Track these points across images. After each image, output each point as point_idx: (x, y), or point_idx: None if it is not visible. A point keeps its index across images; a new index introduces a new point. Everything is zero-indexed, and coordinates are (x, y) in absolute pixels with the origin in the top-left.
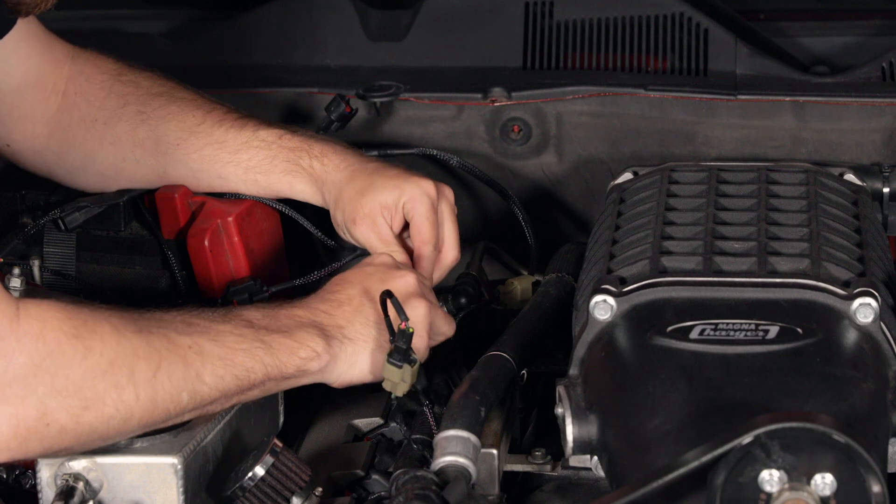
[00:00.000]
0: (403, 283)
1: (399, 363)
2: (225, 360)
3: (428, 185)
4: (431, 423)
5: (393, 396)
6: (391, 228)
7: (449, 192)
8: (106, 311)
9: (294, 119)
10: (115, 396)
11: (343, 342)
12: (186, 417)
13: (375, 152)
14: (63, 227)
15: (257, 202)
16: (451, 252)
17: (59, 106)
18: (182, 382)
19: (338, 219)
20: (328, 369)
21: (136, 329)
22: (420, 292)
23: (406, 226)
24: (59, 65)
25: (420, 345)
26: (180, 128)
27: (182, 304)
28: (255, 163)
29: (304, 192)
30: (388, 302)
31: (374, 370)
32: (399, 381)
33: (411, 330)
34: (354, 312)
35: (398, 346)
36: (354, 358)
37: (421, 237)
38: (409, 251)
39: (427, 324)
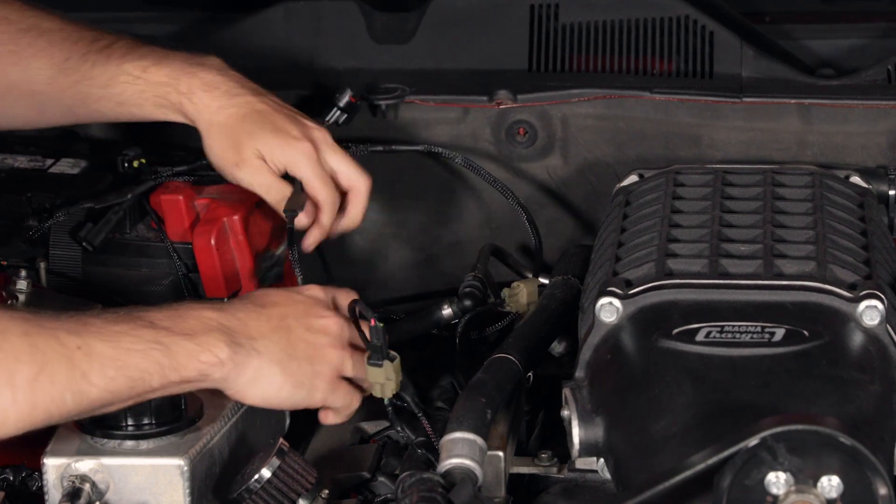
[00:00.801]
0: (323, 324)
1: (379, 362)
2: (117, 362)
3: (305, 146)
4: (427, 428)
5: (386, 402)
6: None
7: (324, 135)
8: None
9: None
10: None
11: (250, 353)
12: (75, 418)
13: (380, 147)
14: (91, 248)
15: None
16: (359, 180)
17: None
18: (66, 384)
19: (214, 160)
20: (230, 379)
21: (22, 331)
22: (338, 339)
23: None
24: None
25: (322, 387)
26: (49, 65)
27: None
28: (125, 97)
29: (180, 121)
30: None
31: (277, 396)
32: (384, 380)
33: (381, 325)
34: (271, 331)
35: (373, 344)
36: (259, 373)
37: (321, 197)
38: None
39: (337, 371)
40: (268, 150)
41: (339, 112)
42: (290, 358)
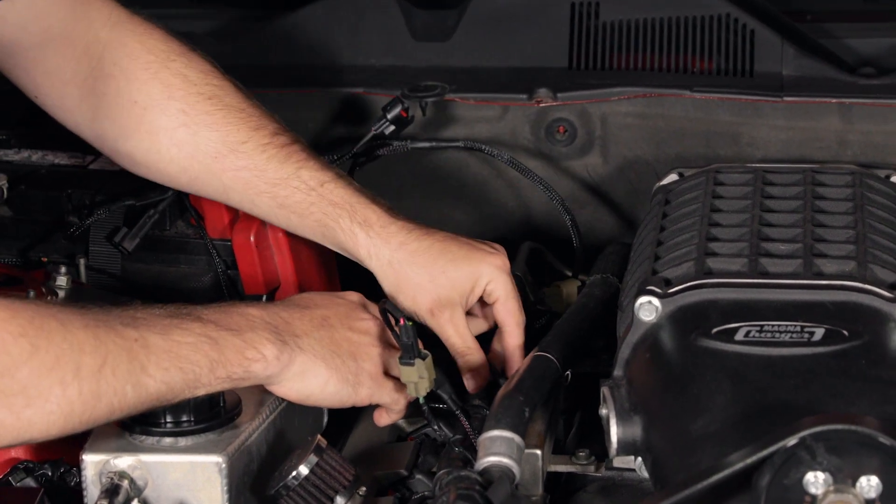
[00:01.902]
0: (364, 325)
1: (410, 361)
2: (170, 353)
3: (499, 260)
4: (465, 425)
5: (422, 401)
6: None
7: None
8: (53, 307)
9: (339, 119)
10: (59, 393)
11: (294, 351)
12: (133, 413)
13: (423, 143)
14: (126, 252)
15: None
16: (520, 314)
17: (94, 72)
18: (127, 376)
19: (404, 303)
20: (275, 376)
21: (83, 324)
22: (379, 340)
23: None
24: (92, 26)
25: (368, 384)
26: (222, 141)
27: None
28: (291, 202)
29: (338, 248)
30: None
31: (323, 392)
32: (417, 379)
33: (410, 324)
34: (314, 329)
35: (403, 343)
36: (303, 369)
37: (513, 317)
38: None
39: (380, 368)
40: (468, 274)
41: (387, 123)
42: (334, 355)
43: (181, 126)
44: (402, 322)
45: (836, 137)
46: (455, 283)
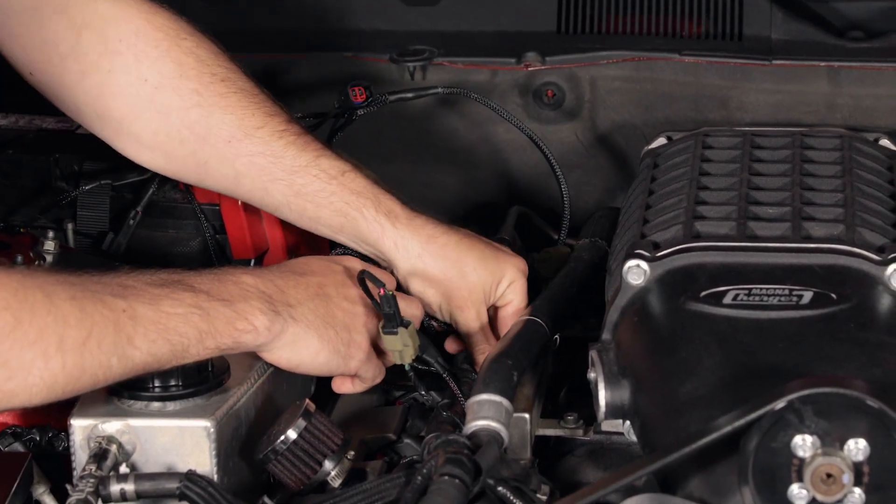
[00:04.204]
0: (361, 294)
1: (394, 329)
2: (158, 325)
3: (522, 264)
4: (454, 389)
5: (407, 369)
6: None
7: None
8: (40, 277)
9: (327, 83)
10: (42, 366)
11: (287, 321)
12: (118, 380)
13: (408, 94)
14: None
15: None
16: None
17: (97, 48)
18: (112, 348)
19: (430, 298)
20: (266, 345)
21: (69, 295)
22: (374, 311)
23: None
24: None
25: (359, 356)
26: (237, 126)
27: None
28: (309, 191)
29: (356, 241)
30: (367, 280)
31: (314, 362)
32: (402, 347)
33: (391, 293)
34: (309, 298)
35: (385, 313)
36: (295, 339)
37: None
38: None
39: (367, 347)
40: (493, 274)
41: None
42: (328, 325)
43: (195, 107)
44: (381, 292)
45: (824, 101)
46: (484, 280)
